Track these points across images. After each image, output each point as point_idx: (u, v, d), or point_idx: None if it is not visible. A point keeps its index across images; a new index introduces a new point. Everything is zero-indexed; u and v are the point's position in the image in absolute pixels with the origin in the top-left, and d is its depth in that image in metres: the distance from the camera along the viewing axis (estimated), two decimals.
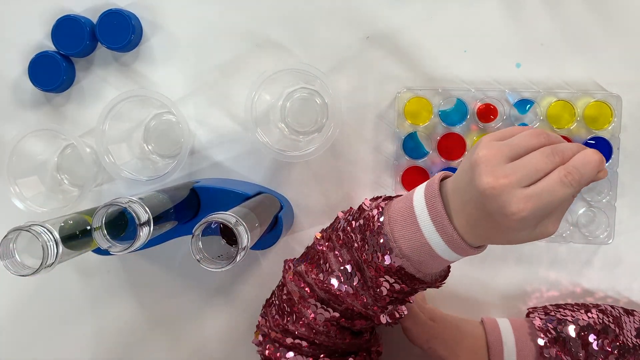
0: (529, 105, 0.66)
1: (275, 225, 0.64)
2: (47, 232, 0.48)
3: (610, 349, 0.58)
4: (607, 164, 0.65)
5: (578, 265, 0.68)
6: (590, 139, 0.65)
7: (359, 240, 0.51)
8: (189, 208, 0.62)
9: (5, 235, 0.49)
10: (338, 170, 0.70)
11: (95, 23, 0.69)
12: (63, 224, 0.52)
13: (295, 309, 0.55)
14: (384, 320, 0.52)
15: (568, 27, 0.66)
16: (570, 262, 0.68)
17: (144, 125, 0.70)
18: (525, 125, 0.66)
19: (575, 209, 0.66)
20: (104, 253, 0.59)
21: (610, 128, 0.65)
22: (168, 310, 0.74)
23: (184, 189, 0.62)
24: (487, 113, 0.66)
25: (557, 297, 0.68)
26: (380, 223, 0.49)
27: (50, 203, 0.67)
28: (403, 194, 0.51)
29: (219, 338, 0.73)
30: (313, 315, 0.54)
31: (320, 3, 0.69)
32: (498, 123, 0.66)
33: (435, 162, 0.68)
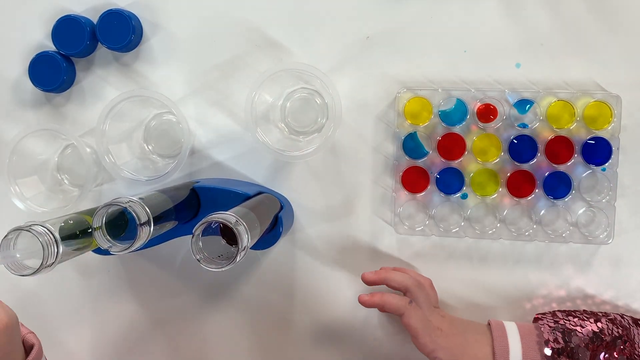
0: (529, 105, 0.66)
1: (275, 225, 0.64)
2: (47, 232, 0.48)
3: None
4: (607, 164, 0.65)
5: (578, 265, 0.68)
6: (590, 139, 0.65)
7: None
8: (189, 208, 0.62)
9: (5, 235, 0.49)
10: (338, 170, 0.70)
11: (96, 23, 0.69)
12: (63, 224, 0.52)
13: None
14: None
15: (568, 27, 0.66)
16: (570, 262, 0.68)
17: (144, 125, 0.70)
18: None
19: (575, 209, 0.66)
20: (104, 253, 0.59)
21: (610, 128, 0.65)
22: (168, 310, 0.74)
23: (184, 189, 0.62)
24: (487, 113, 0.66)
25: (558, 297, 0.68)
26: None
27: (51, 203, 0.67)
28: None
29: (219, 338, 0.73)
30: None
31: (321, 3, 0.69)
32: (498, 123, 0.66)
33: (435, 162, 0.68)
